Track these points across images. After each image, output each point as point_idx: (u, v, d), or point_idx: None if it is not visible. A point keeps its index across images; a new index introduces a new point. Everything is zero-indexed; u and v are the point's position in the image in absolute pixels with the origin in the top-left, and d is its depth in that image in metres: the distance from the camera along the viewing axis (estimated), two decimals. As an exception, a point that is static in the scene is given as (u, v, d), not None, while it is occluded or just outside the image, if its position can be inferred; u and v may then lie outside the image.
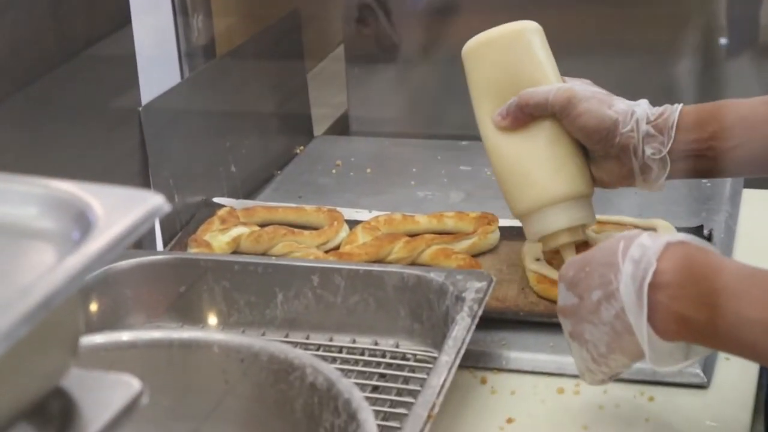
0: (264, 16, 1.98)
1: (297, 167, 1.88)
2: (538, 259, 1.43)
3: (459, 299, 1.27)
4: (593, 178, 1.36)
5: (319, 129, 2.07)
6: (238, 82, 1.79)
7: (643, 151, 1.30)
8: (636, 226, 1.49)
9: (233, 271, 1.38)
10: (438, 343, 1.31)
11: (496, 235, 1.53)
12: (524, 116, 1.34)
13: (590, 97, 1.31)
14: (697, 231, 1.50)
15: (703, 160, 1.29)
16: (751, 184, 1.73)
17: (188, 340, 1.04)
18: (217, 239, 1.54)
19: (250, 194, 1.78)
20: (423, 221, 1.56)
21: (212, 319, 1.39)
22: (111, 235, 0.64)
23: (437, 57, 2.02)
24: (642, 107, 1.31)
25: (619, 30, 1.94)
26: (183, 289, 1.39)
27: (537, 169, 1.34)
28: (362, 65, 2.07)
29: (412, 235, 1.53)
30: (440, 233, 1.54)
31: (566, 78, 1.37)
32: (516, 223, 1.57)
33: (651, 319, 0.99)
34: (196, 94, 1.67)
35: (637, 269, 1.00)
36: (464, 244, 1.50)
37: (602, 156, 1.33)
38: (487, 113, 1.37)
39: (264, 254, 1.53)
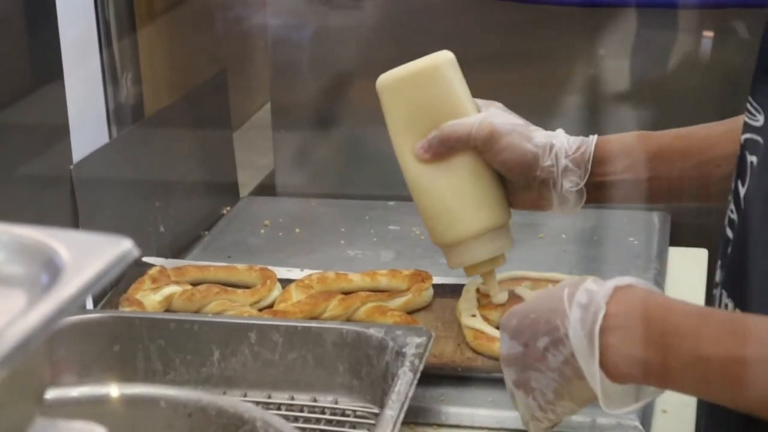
0: (192, 76, 1.98)
1: (225, 227, 1.87)
2: (473, 315, 1.44)
3: (399, 354, 1.27)
4: (512, 203, 1.39)
5: (245, 190, 2.06)
6: (166, 142, 1.79)
7: (562, 184, 1.33)
8: (568, 283, 1.51)
9: (169, 329, 1.37)
10: (377, 399, 1.31)
11: (430, 292, 1.54)
12: (446, 150, 1.35)
13: (510, 131, 1.33)
14: (628, 287, 1.52)
15: (618, 190, 1.33)
16: (675, 242, 1.76)
17: (134, 396, 1.02)
18: (149, 298, 1.52)
19: (178, 254, 1.77)
20: (356, 279, 1.56)
21: (148, 378, 1.37)
22: (83, 278, 0.63)
23: (362, 118, 2.03)
24: (560, 140, 1.33)
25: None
26: (117, 348, 1.37)
27: (459, 204, 1.36)
28: (289, 127, 2.07)
29: (346, 292, 1.53)
30: (374, 291, 1.54)
31: (479, 101, 1.39)
32: (449, 280, 1.59)
33: (602, 363, 0.99)
34: (126, 155, 1.67)
35: (586, 314, 1.00)
36: (399, 301, 1.50)
37: (522, 186, 1.36)
38: (406, 146, 1.37)
39: (197, 313, 1.51)
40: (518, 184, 1.36)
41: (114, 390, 1.03)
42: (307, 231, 1.84)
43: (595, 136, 1.33)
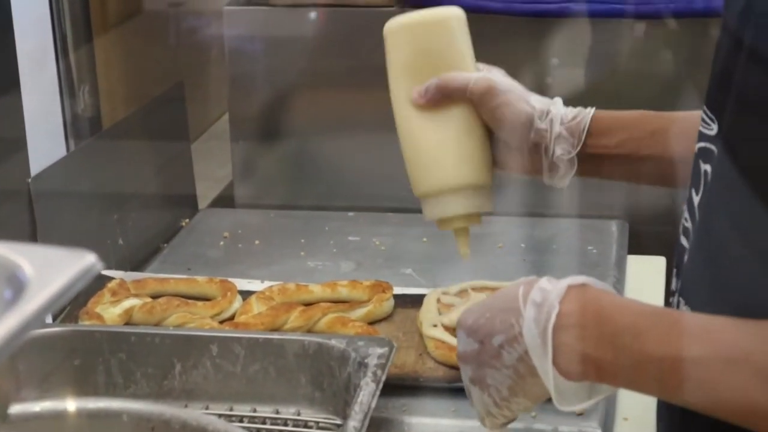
0: (149, 88, 1.97)
1: (183, 240, 1.86)
2: (434, 326, 1.44)
3: (362, 365, 1.27)
4: (502, 165, 1.37)
5: (203, 201, 2.06)
6: (124, 155, 1.78)
7: (554, 151, 1.32)
8: (528, 292, 1.51)
9: (129, 342, 1.36)
10: (339, 410, 1.31)
11: (391, 302, 1.54)
12: (442, 98, 1.33)
13: (509, 89, 1.33)
14: (588, 295, 1.53)
15: (610, 165, 1.33)
16: (634, 250, 1.77)
17: (96, 410, 1.02)
18: (109, 311, 1.52)
19: (138, 266, 1.76)
20: (317, 290, 1.56)
21: (109, 392, 1.36)
22: (47, 293, 0.63)
23: (320, 129, 2.03)
24: (557, 107, 1.33)
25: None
26: (78, 362, 1.37)
27: (445, 155, 1.35)
28: (247, 138, 2.06)
29: (307, 304, 1.53)
30: (334, 302, 1.54)
31: (480, 65, 1.38)
32: (410, 290, 1.60)
33: (556, 361, 1.00)
34: (83, 167, 1.66)
35: (540, 313, 1.01)
36: (360, 312, 1.50)
37: (514, 147, 1.35)
38: (403, 92, 1.36)
39: (157, 325, 1.51)
40: (510, 144, 1.34)
41: (75, 404, 1.02)
42: (267, 242, 1.83)
43: (593, 109, 1.33)
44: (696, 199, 1.06)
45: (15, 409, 0.99)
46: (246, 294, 1.58)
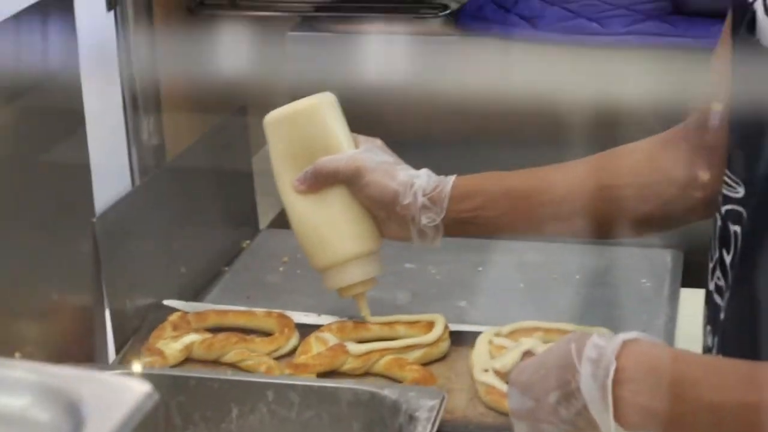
0: (213, 111, 2.01)
1: (244, 264, 1.90)
2: (486, 370, 1.47)
3: (412, 418, 1.30)
4: (380, 233, 1.54)
5: (265, 218, 2.09)
6: (188, 184, 1.82)
7: (420, 220, 1.46)
8: (580, 334, 1.54)
9: (189, 385, 1.41)
10: (392, 458, 1.34)
11: (447, 343, 1.57)
12: (319, 183, 1.51)
13: (376, 168, 1.49)
14: (639, 338, 1.55)
15: (473, 226, 1.47)
16: (688, 283, 1.78)
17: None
18: (170, 347, 1.56)
19: (199, 293, 1.80)
20: (375, 329, 1.59)
21: (168, 433, 1.41)
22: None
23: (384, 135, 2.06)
24: (422, 179, 1.47)
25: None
26: (139, 402, 1.41)
27: (331, 231, 1.53)
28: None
29: (364, 341, 1.57)
30: (392, 339, 1.57)
31: (360, 137, 1.54)
32: (463, 327, 1.62)
33: (616, 414, 1.05)
34: (147, 202, 1.70)
35: (597, 368, 1.06)
36: (416, 354, 1.53)
37: (386, 219, 1.51)
38: (286, 179, 1.54)
39: (216, 361, 1.55)
40: (382, 217, 1.51)
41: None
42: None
43: (453, 176, 1.47)
44: (727, 258, 1.09)
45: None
46: (303, 327, 1.61)
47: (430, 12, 1.96)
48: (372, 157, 1.50)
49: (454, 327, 1.60)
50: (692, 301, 1.75)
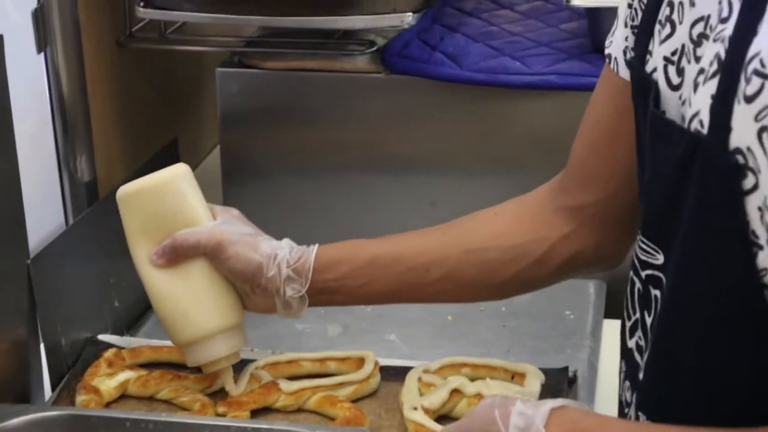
0: (144, 146, 2.03)
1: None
2: (415, 408, 1.50)
3: (343, 459, 1.34)
4: (244, 305, 1.51)
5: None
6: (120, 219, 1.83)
7: (285, 291, 1.45)
8: (506, 370, 1.59)
9: (125, 427, 1.43)
10: (324, 498, 1.38)
11: (377, 379, 1.60)
12: (178, 256, 1.48)
13: (237, 241, 1.46)
14: (563, 372, 1.60)
15: (339, 295, 1.46)
16: (611, 314, 1.83)
17: None
18: (105, 384, 1.58)
19: (132, 326, 1.82)
20: (306, 365, 1.62)
21: (104, 473, 1.43)
22: None
23: (311, 169, 2.08)
24: (284, 250, 1.45)
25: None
26: (75, 444, 1.44)
27: (193, 306, 1.49)
28: (239, 178, 2.11)
29: (297, 377, 1.60)
30: (323, 375, 1.61)
31: (217, 207, 1.51)
32: (392, 362, 1.66)
33: None
34: (82, 240, 1.71)
35: None
36: (347, 390, 1.57)
37: (249, 291, 1.48)
38: (143, 254, 1.50)
39: (151, 397, 1.58)
40: (246, 290, 1.48)
41: None
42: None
43: (316, 246, 1.46)
44: (648, 320, 1.12)
45: None
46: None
47: (357, 49, 1.98)
48: (232, 229, 1.47)
49: (384, 362, 1.64)
50: (615, 332, 1.80)
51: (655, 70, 1.09)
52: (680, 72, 1.06)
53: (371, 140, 2.00)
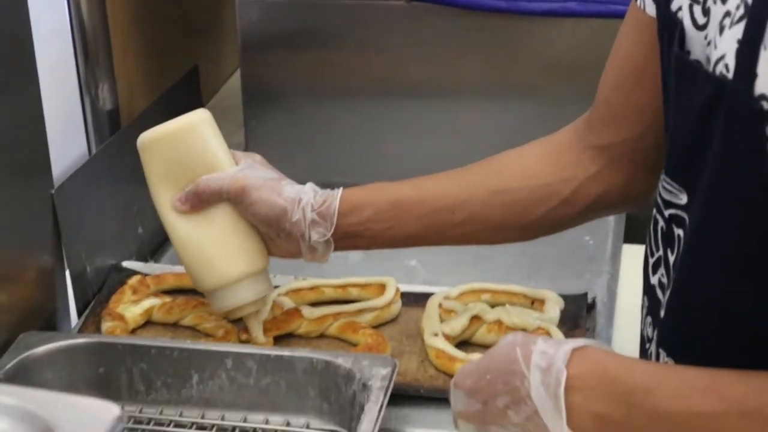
0: (165, 73, 2.04)
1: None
2: (435, 334, 1.52)
3: (365, 387, 1.36)
4: (268, 251, 1.50)
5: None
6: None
7: (310, 236, 1.44)
8: (525, 296, 1.61)
9: (150, 354, 1.46)
10: (346, 422, 1.41)
11: (398, 306, 1.62)
12: (202, 202, 1.47)
13: (261, 185, 1.45)
14: (582, 298, 1.61)
15: (363, 239, 1.45)
16: (630, 239, 1.85)
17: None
18: (130, 311, 1.61)
19: (155, 252, 1.85)
20: (329, 291, 1.65)
21: (131, 398, 1.47)
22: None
23: (331, 95, 2.09)
24: (308, 194, 1.45)
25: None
26: (102, 370, 1.46)
27: (217, 252, 1.47)
28: (259, 104, 2.12)
29: (319, 303, 1.62)
30: (345, 301, 1.63)
31: (239, 153, 1.50)
32: (414, 288, 1.68)
33: (569, 421, 1.07)
34: (105, 169, 1.73)
35: (548, 377, 1.07)
36: (368, 317, 1.59)
37: (274, 236, 1.47)
38: (166, 201, 1.49)
39: (175, 323, 1.61)
40: (270, 235, 1.47)
41: None
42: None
43: (341, 189, 1.45)
44: (671, 258, 1.13)
45: None
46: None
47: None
48: (256, 173, 1.46)
49: (404, 288, 1.66)
50: (634, 258, 1.81)
51: (680, 9, 1.08)
52: (706, 12, 1.05)
53: (391, 67, 2.01)
